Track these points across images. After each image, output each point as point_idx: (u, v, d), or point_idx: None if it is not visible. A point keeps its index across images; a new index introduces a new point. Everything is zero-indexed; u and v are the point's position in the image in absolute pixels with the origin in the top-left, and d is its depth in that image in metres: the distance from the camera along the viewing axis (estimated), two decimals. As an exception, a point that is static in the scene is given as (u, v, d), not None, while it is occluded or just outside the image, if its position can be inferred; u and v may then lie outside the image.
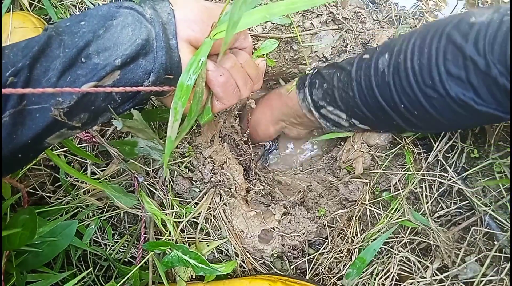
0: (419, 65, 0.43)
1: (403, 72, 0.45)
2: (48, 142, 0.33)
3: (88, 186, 0.57)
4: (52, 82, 0.30)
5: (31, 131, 0.31)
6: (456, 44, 0.39)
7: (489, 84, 0.38)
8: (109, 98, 0.34)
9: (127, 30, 0.33)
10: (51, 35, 0.32)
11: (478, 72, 0.38)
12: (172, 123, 0.33)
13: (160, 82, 0.36)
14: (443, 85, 0.41)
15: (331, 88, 0.55)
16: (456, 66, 0.40)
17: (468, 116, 0.43)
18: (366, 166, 0.62)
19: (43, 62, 0.31)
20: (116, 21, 0.33)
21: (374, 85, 0.48)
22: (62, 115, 0.31)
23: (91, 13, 0.34)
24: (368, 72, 0.49)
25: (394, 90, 0.47)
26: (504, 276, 0.54)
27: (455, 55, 0.40)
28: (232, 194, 0.59)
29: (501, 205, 0.57)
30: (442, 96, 0.42)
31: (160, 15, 0.35)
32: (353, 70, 0.51)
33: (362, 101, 0.51)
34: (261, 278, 0.53)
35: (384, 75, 0.47)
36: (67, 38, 0.32)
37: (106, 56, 0.32)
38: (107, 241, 0.61)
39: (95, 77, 0.31)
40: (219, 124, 0.66)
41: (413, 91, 0.45)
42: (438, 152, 0.59)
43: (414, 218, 0.57)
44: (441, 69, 0.41)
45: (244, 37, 0.44)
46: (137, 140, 0.49)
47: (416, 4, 0.68)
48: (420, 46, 0.43)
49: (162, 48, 0.34)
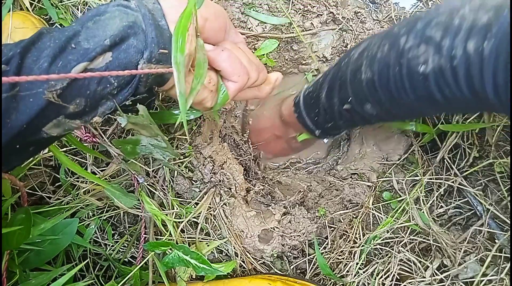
0: (405, 111, 0.44)
1: (396, 113, 0.45)
2: (46, 132, 0.33)
3: (88, 186, 0.57)
4: (44, 68, 0.30)
5: (26, 115, 0.30)
6: (426, 97, 0.38)
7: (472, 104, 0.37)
8: (104, 81, 0.33)
9: (115, 20, 0.34)
10: (42, 32, 0.33)
11: (458, 104, 0.37)
12: (178, 76, 0.31)
13: (155, 60, 0.35)
14: (435, 112, 0.42)
15: (324, 120, 0.55)
16: (437, 107, 0.39)
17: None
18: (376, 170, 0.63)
19: (33, 52, 0.31)
20: (104, 16, 0.34)
21: (371, 119, 0.49)
22: (55, 96, 0.31)
23: (82, 16, 0.35)
24: (362, 116, 0.48)
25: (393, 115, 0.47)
26: (504, 276, 0.54)
27: (431, 102, 0.39)
28: (232, 194, 0.59)
29: (501, 205, 0.57)
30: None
31: (145, 4, 0.36)
32: (347, 115, 0.50)
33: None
34: (261, 278, 0.53)
35: (376, 118, 0.47)
36: (57, 33, 0.33)
37: (96, 41, 0.32)
38: (107, 241, 0.61)
39: (86, 58, 0.32)
40: (219, 124, 0.66)
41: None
42: (445, 152, 0.59)
43: (422, 221, 0.57)
44: (427, 110, 0.42)
45: (235, 32, 0.45)
46: (139, 138, 0.48)
47: (416, 4, 0.68)
48: (394, 101, 0.42)
49: (151, 25, 0.34)
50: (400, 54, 0.38)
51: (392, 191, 0.63)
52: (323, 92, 0.53)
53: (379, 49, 0.42)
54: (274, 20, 0.63)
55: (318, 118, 0.56)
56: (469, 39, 0.32)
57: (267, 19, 0.62)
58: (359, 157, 0.67)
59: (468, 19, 0.32)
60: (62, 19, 0.63)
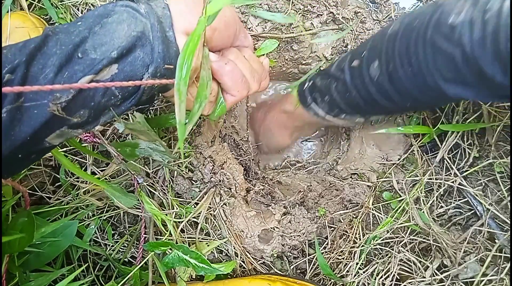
0: (412, 73, 0.43)
1: (398, 80, 0.45)
2: (49, 142, 0.33)
3: (88, 186, 0.57)
4: (50, 78, 0.30)
5: (30, 127, 0.30)
6: (444, 51, 0.38)
7: (487, 84, 0.37)
8: (108, 93, 0.33)
9: (123, 25, 0.33)
10: (48, 35, 0.32)
11: (474, 74, 0.37)
12: (179, 105, 0.31)
13: (160, 74, 0.35)
14: (440, 88, 0.41)
15: (334, 100, 0.55)
16: (450, 71, 0.39)
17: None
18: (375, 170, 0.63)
19: (39, 59, 0.30)
20: (111, 18, 0.33)
21: (373, 92, 0.49)
22: (60, 110, 0.30)
23: (88, 15, 0.34)
24: (362, 80, 0.49)
25: (394, 94, 0.47)
26: (504, 276, 0.54)
27: (446, 62, 0.39)
28: (232, 194, 0.59)
29: (501, 205, 0.57)
30: (441, 95, 0.42)
31: (154, 10, 0.35)
32: (348, 79, 0.51)
33: (367, 106, 0.52)
34: (261, 278, 0.53)
35: (379, 83, 0.47)
36: (64, 36, 0.32)
37: (103, 51, 0.32)
38: (107, 241, 0.61)
39: (92, 71, 0.31)
40: (219, 124, 0.66)
41: (412, 94, 0.45)
42: (444, 152, 0.59)
43: (422, 221, 0.57)
44: (435, 75, 0.40)
45: (244, 35, 0.44)
46: (138, 141, 0.49)
47: (416, 4, 0.68)
48: (407, 54, 0.42)
49: (158, 38, 0.34)
50: (438, 6, 0.39)
51: (392, 191, 0.63)
52: (340, 58, 0.55)
53: (419, 8, 0.43)
54: (279, 18, 0.62)
55: (318, 85, 0.58)
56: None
57: (273, 16, 0.62)
58: (359, 157, 0.67)
59: None
60: (62, 18, 0.63)
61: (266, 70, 0.49)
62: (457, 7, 0.37)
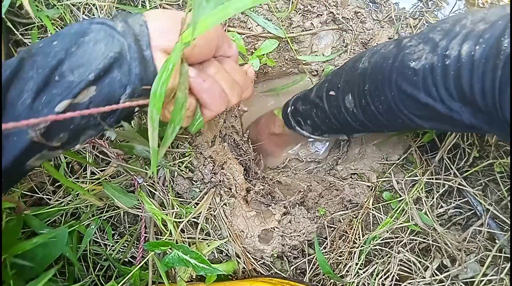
0: (384, 111, 0.44)
1: (371, 114, 0.46)
2: (29, 165, 0.33)
3: (88, 186, 0.57)
4: (28, 104, 0.30)
5: (11, 155, 0.30)
6: (409, 94, 0.39)
7: (459, 123, 0.38)
8: (87, 115, 0.33)
9: (100, 45, 0.32)
10: (24, 57, 0.31)
11: (443, 115, 0.38)
12: (152, 132, 0.31)
13: (138, 94, 0.34)
14: (414, 121, 0.42)
15: (316, 123, 0.58)
16: (420, 110, 0.40)
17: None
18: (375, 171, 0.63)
19: (16, 85, 0.30)
20: (88, 37, 0.33)
21: (350, 121, 0.51)
22: (39, 136, 0.30)
23: (64, 33, 0.33)
24: (340, 110, 0.51)
25: (370, 125, 0.49)
26: (504, 276, 0.55)
27: (414, 103, 0.40)
28: (232, 194, 0.59)
29: (501, 205, 0.57)
30: (418, 126, 0.43)
31: (132, 27, 0.34)
32: (326, 107, 0.53)
33: (348, 130, 0.55)
34: (262, 281, 0.53)
35: (355, 114, 0.49)
36: (40, 58, 0.31)
37: (80, 73, 0.31)
38: (107, 241, 0.61)
39: (70, 95, 0.31)
40: (219, 124, 0.66)
41: (388, 125, 0.47)
42: (444, 152, 0.59)
43: (422, 222, 0.57)
44: (405, 112, 0.42)
45: (228, 45, 0.43)
46: (133, 144, 0.50)
47: (416, 4, 0.68)
48: (376, 95, 0.44)
49: (135, 59, 0.33)
50: (400, 50, 0.40)
51: (392, 191, 0.63)
52: (319, 84, 0.57)
53: (385, 46, 0.44)
54: (271, 28, 0.63)
55: (301, 108, 0.60)
56: (464, 42, 0.34)
57: (265, 24, 0.63)
58: (359, 157, 0.67)
59: (468, 27, 0.34)
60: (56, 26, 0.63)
61: (251, 79, 0.47)
62: (416, 54, 0.38)
